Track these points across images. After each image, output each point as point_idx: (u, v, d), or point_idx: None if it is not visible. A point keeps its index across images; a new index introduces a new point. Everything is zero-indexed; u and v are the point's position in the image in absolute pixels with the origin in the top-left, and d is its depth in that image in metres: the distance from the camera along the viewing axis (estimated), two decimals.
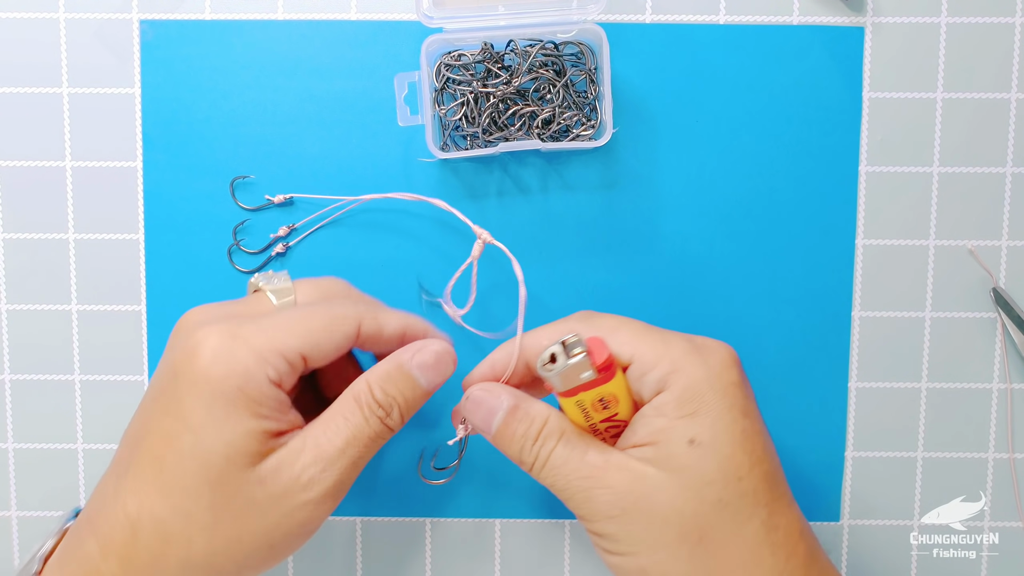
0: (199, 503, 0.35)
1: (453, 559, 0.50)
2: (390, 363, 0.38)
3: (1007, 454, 0.49)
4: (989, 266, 0.49)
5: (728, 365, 0.36)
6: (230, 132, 0.48)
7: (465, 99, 0.46)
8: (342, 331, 0.38)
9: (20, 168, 0.49)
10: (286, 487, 0.35)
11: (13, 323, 0.49)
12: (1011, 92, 0.48)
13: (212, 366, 0.35)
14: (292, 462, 0.36)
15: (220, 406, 0.35)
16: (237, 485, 0.35)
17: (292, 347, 0.36)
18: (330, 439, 0.36)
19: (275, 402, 0.36)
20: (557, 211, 0.49)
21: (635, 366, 0.36)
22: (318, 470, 0.36)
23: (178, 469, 0.35)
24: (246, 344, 0.36)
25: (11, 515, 0.50)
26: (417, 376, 0.38)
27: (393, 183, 0.48)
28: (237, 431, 0.35)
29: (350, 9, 0.48)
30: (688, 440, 0.35)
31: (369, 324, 0.39)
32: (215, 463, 0.35)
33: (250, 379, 0.35)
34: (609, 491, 0.35)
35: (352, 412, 0.37)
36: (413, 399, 0.38)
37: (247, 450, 0.35)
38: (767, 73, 0.48)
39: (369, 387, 0.37)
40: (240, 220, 0.48)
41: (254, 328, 0.36)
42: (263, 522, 0.35)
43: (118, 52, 0.48)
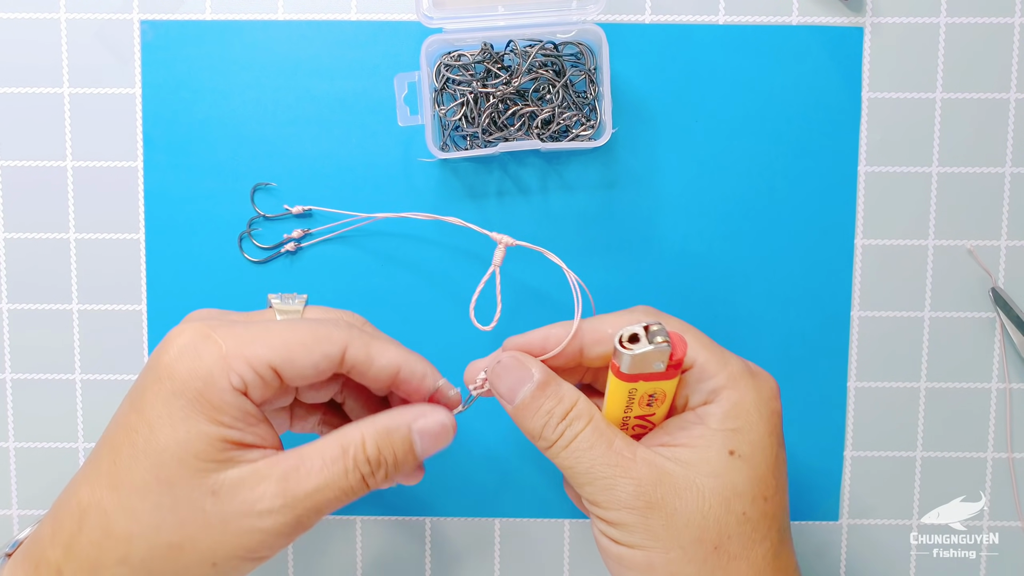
0: (145, 501, 0.34)
1: (453, 558, 0.50)
2: (392, 420, 0.36)
3: (1006, 454, 0.50)
4: (988, 266, 0.49)
5: (775, 395, 0.38)
6: (231, 132, 0.48)
7: (465, 99, 0.46)
8: (321, 350, 0.35)
9: (21, 168, 0.49)
10: (239, 508, 0.34)
11: (14, 323, 0.49)
12: (1010, 92, 0.48)
13: (176, 363, 0.34)
14: (253, 485, 0.34)
15: (179, 405, 0.34)
16: (186, 490, 0.33)
17: (261, 356, 0.34)
18: (300, 478, 0.34)
19: (238, 411, 0.34)
20: (557, 211, 0.49)
21: (695, 371, 0.37)
22: (278, 504, 0.34)
23: (131, 463, 0.34)
24: (214, 346, 0.34)
25: (12, 513, 0.50)
26: (416, 442, 0.36)
27: (393, 183, 0.49)
28: (192, 432, 0.33)
29: (350, 9, 0.49)
30: (729, 450, 0.35)
31: (357, 351, 0.36)
32: (166, 462, 0.33)
33: (211, 383, 0.34)
34: (634, 482, 0.35)
35: (334, 459, 0.35)
36: (403, 464, 0.36)
37: (201, 455, 0.33)
38: (766, 73, 0.48)
39: (363, 439, 0.35)
40: (254, 213, 0.49)
41: (228, 332, 0.35)
42: (207, 536, 0.34)
43: (119, 52, 0.49)
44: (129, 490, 0.34)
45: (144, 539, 0.33)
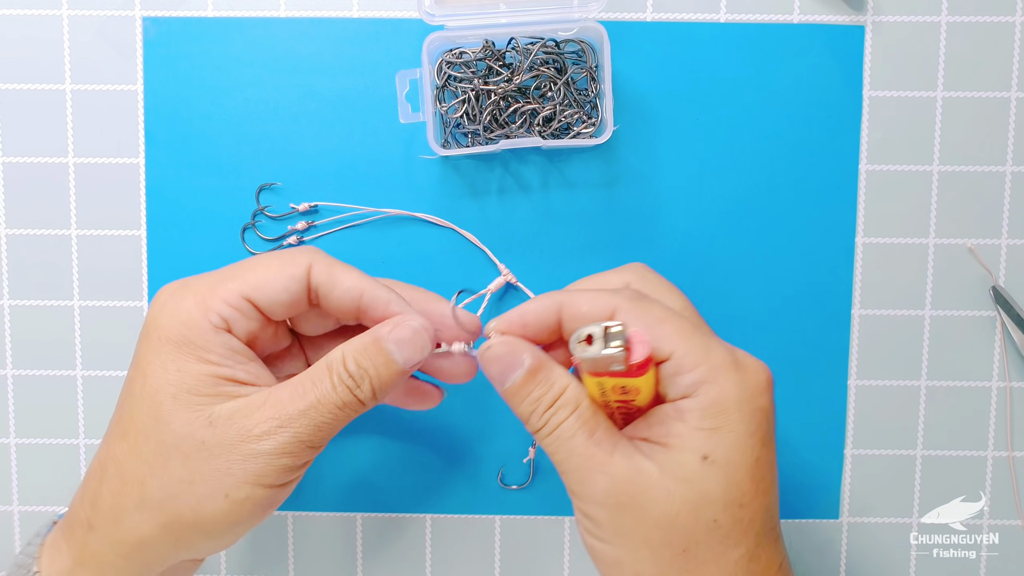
0: (149, 442, 0.36)
1: (453, 555, 0.50)
2: (367, 336, 0.38)
3: (1006, 452, 0.50)
4: (989, 265, 0.49)
5: (762, 389, 0.35)
6: (232, 129, 0.49)
7: (466, 96, 0.46)
8: (288, 273, 0.37)
9: (23, 164, 0.49)
10: (238, 434, 0.35)
11: (16, 318, 0.49)
12: (1011, 91, 0.48)
13: (159, 314, 0.37)
14: (248, 413, 0.36)
15: (167, 350, 0.36)
16: (185, 423, 0.35)
17: (233, 289, 0.37)
18: (292, 399, 0.36)
19: (224, 348, 0.36)
20: (558, 208, 0.49)
21: (671, 364, 0.35)
22: (274, 425, 0.35)
23: (132, 411, 0.36)
24: (191, 292, 0.37)
25: (13, 510, 0.50)
26: (392, 351, 0.37)
27: (394, 180, 0.49)
28: (181, 371, 0.36)
29: (352, 6, 0.49)
30: (702, 455, 0.34)
31: (320, 272, 0.38)
32: (162, 402, 0.36)
33: (192, 325, 0.36)
34: (608, 478, 0.34)
35: (321, 378, 0.37)
36: (387, 375, 0.37)
37: (193, 390, 0.36)
38: (767, 71, 0.48)
39: (343, 356, 0.37)
40: (258, 190, 0.49)
41: (202, 278, 0.38)
42: (212, 466, 0.35)
43: (121, 49, 0.49)
44: (135, 435, 0.36)
45: (155, 478, 0.36)
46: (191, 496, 0.35)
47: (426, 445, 0.49)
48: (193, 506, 0.36)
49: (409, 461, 0.50)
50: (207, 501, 0.35)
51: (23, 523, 0.50)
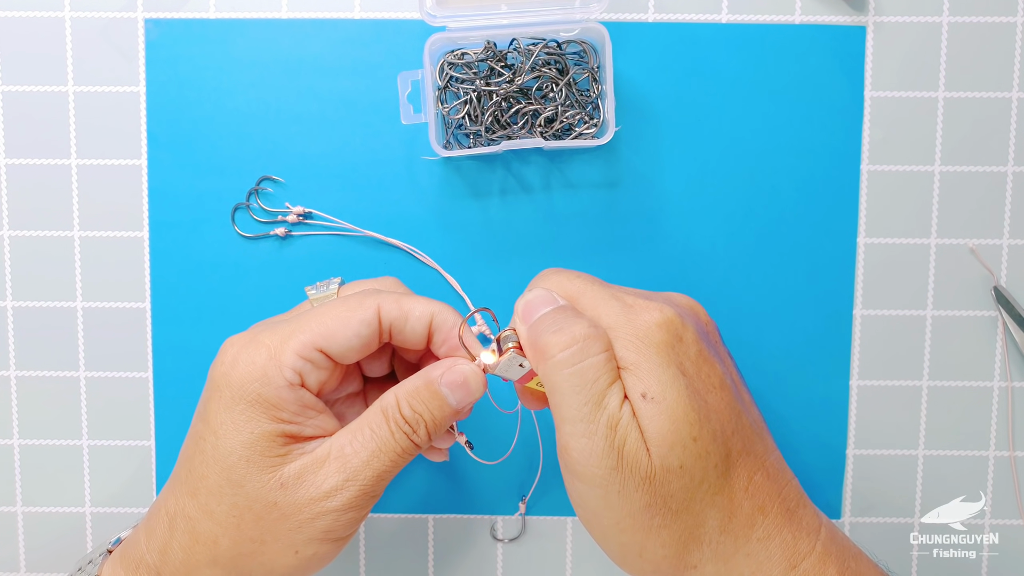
0: (222, 503, 0.36)
1: (455, 555, 0.50)
2: (419, 379, 0.38)
3: (1007, 452, 0.50)
4: (990, 265, 0.49)
5: (655, 327, 0.35)
6: (234, 130, 0.49)
7: (468, 97, 0.46)
8: (357, 317, 0.37)
9: (26, 166, 0.49)
10: (308, 494, 0.36)
11: (19, 320, 0.50)
12: (1012, 91, 0.49)
13: (231, 371, 0.36)
14: (315, 470, 0.36)
15: (239, 409, 0.36)
16: (256, 487, 0.36)
17: (305, 342, 0.36)
18: (356, 451, 0.36)
19: (296, 405, 0.36)
20: (559, 209, 0.49)
21: None
22: (341, 479, 0.36)
23: (203, 470, 0.37)
24: (263, 348, 0.37)
25: (16, 511, 0.50)
26: (446, 395, 0.37)
27: (396, 181, 0.49)
28: (255, 433, 0.36)
29: (353, 8, 0.49)
30: (640, 393, 0.34)
31: (390, 309, 0.38)
32: (235, 464, 0.36)
33: (267, 383, 0.36)
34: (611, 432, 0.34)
35: (379, 425, 0.37)
36: (441, 417, 0.38)
37: (265, 452, 0.36)
38: (769, 72, 0.49)
39: (397, 401, 0.37)
40: (258, 181, 0.49)
41: (272, 332, 0.37)
42: (284, 526, 0.36)
43: (123, 51, 0.49)
44: (206, 495, 0.36)
45: (227, 538, 0.36)
46: (263, 555, 0.36)
47: None
48: (264, 563, 0.37)
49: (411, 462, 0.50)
50: (278, 558, 0.36)
51: (26, 523, 0.50)
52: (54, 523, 0.50)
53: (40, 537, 0.50)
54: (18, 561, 0.50)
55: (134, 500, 0.50)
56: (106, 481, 0.50)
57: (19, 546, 0.50)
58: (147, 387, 0.50)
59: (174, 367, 0.49)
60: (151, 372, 0.50)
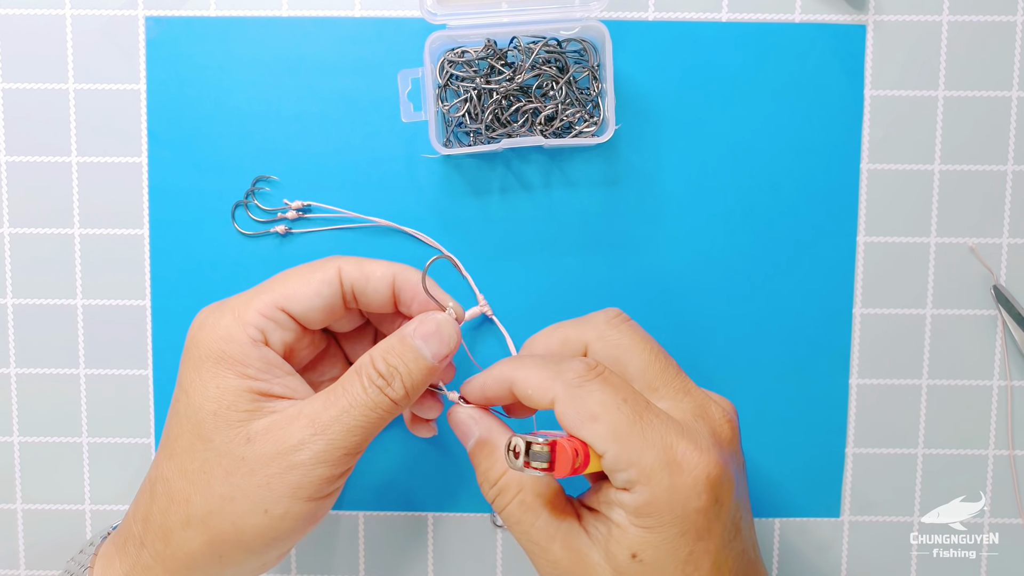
0: (193, 460, 0.37)
1: (455, 554, 0.50)
2: (393, 336, 0.39)
3: (1007, 451, 0.50)
4: (990, 264, 0.49)
5: (699, 490, 0.34)
6: (234, 128, 0.49)
7: (468, 96, 0.46)
8: (317, 277, 0.39)
9: (26, 163, 0.49)
10: (275, 447, 0.36)
11: (19, 318, 0.50)
12: (1012, 90, 0.49)
13: (198, 332, 0.38)
14: (283, 426, 0.36)
15: (207, 367, 0.37)
16: (225, 441, 0.36)
17: (267, 301, 0.38)
18: (325, 406, 0.37)
19: (261, 362, 0.37)
20: (559, 207, 0.49)
21: (606, 460, 0.34)
22: (308, 433, 0.36)
23: (177, 430, 0.37)
24: (228, 309, 0.38)
25: (16, 508, 0.50)
26: (420, 346, 0.38)
27: (396, 179, 0.49)
28: (221, 387, 0.37)
29: (354, 6, 0.49)
30: (631, 554, 0.34)
31: (350, 270, 0.39)
32: (203, 419, 0.37)
33: (231, 340, 0.37)
34: (552, 566, 0.36)
35: (351, 382, 0.37)
36: (417, 371, 0.38)
37: (234, 407, 0.36)
38: (769, 71, 0.49)
39: (371, 358, 0.38)
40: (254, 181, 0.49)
41: (237, 297, 0.39)
42: (252, 480, 0.36)
43: (124, 48, 0.49)
44: (180, 454, 0.37)
45: (199, 496, 0.36)
46: (232, 513, 0.36)
47: (428, 443, 0.50)
48: (234, 522, 0.36)
49: (411, 460, 0.50)
50: (247, 517, 0.36)
51: (26, 521, 0.50)
52: (54, 520, 0.50)
53: (40, 534, 0.50)
54: (18, 558, 0.50)
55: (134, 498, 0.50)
56: (106, 478, 0.50)
57: (19, 543, 0.50)
58: (147, 385, 0.50)
59: (174, 365, 0.49)
60: (151, 370, 0.50)
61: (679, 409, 0.37)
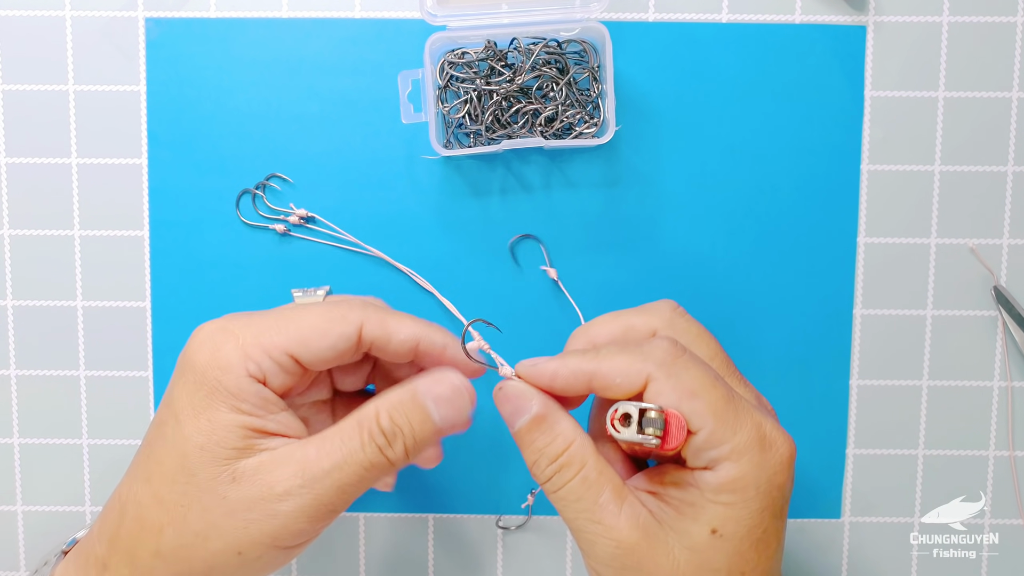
0: (173, 491, 0.35)
1: (455, 555, 0.50)
2: (403, 390, 0.36)
3: (1007, 452, 0.50)
4: (990, 264, 0.49)
5: (783, 467, 0.34)
6: (235, 129, 0.49)
7: (468, 97, 0.46)
8: (337, 331, 0.36)
9: (26, 165, 0.49)
10: (259, 492, 0.34)
11: (18, 319, 0.50)
12: (1012, 91, 0.49)
13: (196, 355, 0.35)
14: (272, 469, 0.34)
15: (201, 395, 0.35)
16: (210, 478, 0.34)
17: (278, 344, 0.35)
18: (319, 457, 0.35)
19: (257, 398, 0.35)
20: (560, 208, 0.49)
21: (699, 437, 0.34)
22: (296, 483, 0.34)
23: (160, 454, 0.35)
24: (232, 337, 0.35)
25: (16, 509, 0.50)
26: (431, 408, 0.36)
27: (396, 180, 0.49)
28: (214, 420, 0.34)
29: (354, 7, 0.49)
30: (711, 529, 0.33)
31: (373, 328, 0.36)
32: (190, 451, 0.34)
33: (229, 371, 0.35)
34: (613, 544, 0.34)
35: (351, 435, 0.35)
36: (422, 433, 0.36)
37: (223, 443, 0.34)
38: (769, 71, 0.49)
39: (376, 412, 0.36)
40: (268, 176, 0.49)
41: (245, 323, 0.36)
42: (230, 523, 0.34)
43: (124, 50, 0.49)
44: (159, 481, 0.35)
45: (173, 528, 0.35)
46: (204, 551, 0.35)
47: None
48: (206, 560, 0.35)
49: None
50: (220, 556, 0.35)
51: (26, 522, 0.50)
52: (54, 522, 0.50)
53: (40, 536, 0.50)
54: (18, 560, 0.50)
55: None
56: (106, 480, 0.50)
57: (19, 545, 0.50)
58: (147, 386, 0.50)
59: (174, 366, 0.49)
60: (151, 371, 0.50)
61: (747, 395, 0.37)
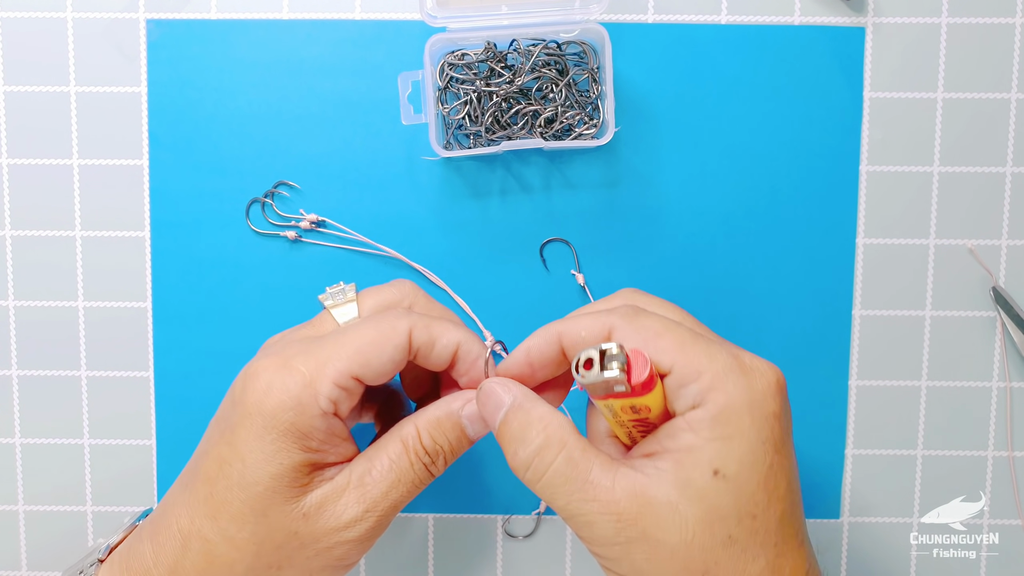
0: (243, 530, 0.36)
1: (455, 555, 0.50)
2: (440, 410, 0.38)
3: (1006, 452, 0.50)
4: (989, 265, 0.49)
5: (773, 392, 0.33)
6: (235, 130, 0.49)
7: (468, 98, 0.47)
8: (392, 343, 0.37)
9: (28, 166, 0.49)
10: (328, 524, 0.36)
11: (21, 319, 0.50)
12: (1011, 92, 0.49)
13: (265, 399, 0.36)
14: (335, 499, 0.36)
15: (270, 439, 0.35)
16: (279, 517, 0.36)
17: (342, 371, 0.36)
18: (375, 481, 0.37)
19: (326, 434, 0.36)
20: (559, 209, 0.49)
21: (673, 376, 0.33)
22: (360, 510, 0.36)
23: (227, 495, 0.36)
24: (298, 375, 0.36)
25: (18, 509, 0.50)
26: (467, 426, 0.38)
27: (397, 181, 0.49)
28: (284, 464, 0.35)
29: (354, 9, 0.49)
30: (713, 470, 0.32)
31: (420, 334, 0.37)
32: (260, 494, 0.35)
33: (303, 413, 0.35)
34: (613, 518, 0.33)
35: (399, 456, 0.37)
36: (459, 448, 0.38)
37: (291, 483, 0.36)
38: (768, 73, 0.49)
39: (418, 432, 0.37)
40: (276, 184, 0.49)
41: (303, 355, 0.36)
42: (303, 554, 0.36)
43: (125, 51, 0.49)
44: (227, 520, 0.36)
45: (244, 564, 0.36)
46: None
47: None
48: None
49: None
50: None
51: (28, 522, 0.50)
52: (55, 522, 0.50)
53: (41, 536, 0.50)
54: (19, 560, 0.50)
55: (135, 499, 0.50)
56: (107, 480, 0.50)
57: (20, 545, 0.50)
58: (148, 387, 0.50)
59: (175, 367, 0.50)
60: (152, 372, 0.50)
61: None
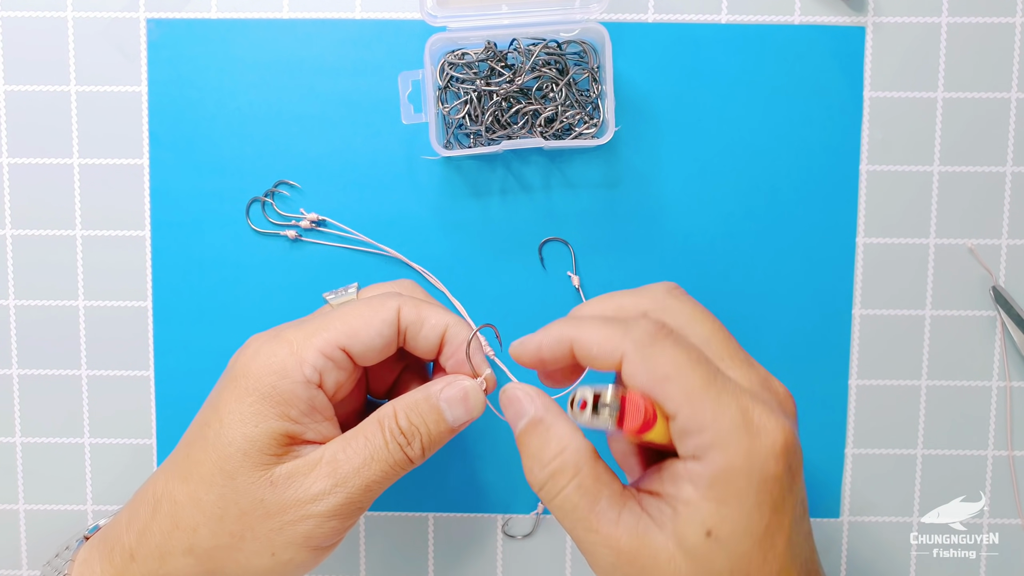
0: (210, 492, 0.36)
1: (455, 554, 0.50)
2: (419, 392, 0.38)
3: (1006, 451, 0.50)
4: (989, 265, 0.49)
5: (777, 454, 0.32)
6: (236, 130, 0.49)
7: (468, 97, 0.47)
8: (380, 317, 0.38)
9: (28, 165, 0.49)
10: (294, 495, 0.36)
11: (21, 319, 0.50)
12: (1011, 92, 0.49)
13: (251, 362, 0.37)
14: (306, 472, 0.36)
15: (250, 401, 0.36)
16: (248, 482, 0.36)
17: (328, 339, 0.37)
18: (348, 457, 0.37)
19: (307, 405, 0.37)
20: (559, 209, 0.49)
21: (677, 423, 0.32)
22: (329, 484, 0.36)
23: (200, 455, 0.37)
24: (286, 343, 0.37)
25: (18, 508, 0.50)
26: (444, 409, 0.38)
27: (397, 180, 0.49)
28: (260, 428, 0.36)
29: (354, 8, 0.49)
30: (706, 531, 0.32)
31: (408, 313, 0.38)
32: (231, 455, 0.36)
33: (285, 376, 0.36)
34: (612, 552, 0.33)
35: (374, 434, 0.37)
36: (437, 433, 0.38)
37: (265, 449, 0.36)
38: (768, 72, 0.49)
39: (395, 412, 0.38)
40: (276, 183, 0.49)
41: (295, 328, 0.38)
42: (266, 525, 0.36)
43: (125, 51, 0.49)
44: (197, 482, 0.36)
45: (207, 528, 0.36)
46: (239, 551, 0.36)
47: None
48: (239, 560, 0.36)
49: None
50: (253, 558, 0.36)
51: (28, 521, 0.50)
52: (56, 521, 0.50)
53: (42, 535, 0.50)
54: (20, 558, 0.50)
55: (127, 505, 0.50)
56: (108, 479, 0.50)
57: (21, 543, 0.50)
58: (148, 386, 0.50)
59: (175, 366, 0.50)
60: (152, 371, 0.50)
61: (746, 379, 0.34)
